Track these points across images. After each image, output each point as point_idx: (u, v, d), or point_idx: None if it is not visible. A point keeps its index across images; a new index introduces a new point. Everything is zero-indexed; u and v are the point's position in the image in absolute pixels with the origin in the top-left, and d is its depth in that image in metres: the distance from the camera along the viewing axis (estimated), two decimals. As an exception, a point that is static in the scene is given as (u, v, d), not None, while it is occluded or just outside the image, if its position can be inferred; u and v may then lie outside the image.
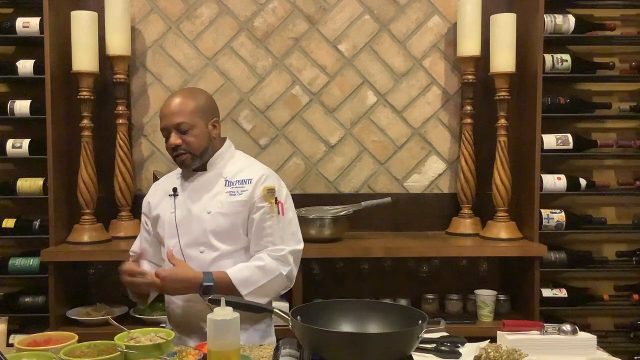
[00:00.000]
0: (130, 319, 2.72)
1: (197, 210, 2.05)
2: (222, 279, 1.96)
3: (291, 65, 3.03)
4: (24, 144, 2.83)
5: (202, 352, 1.58)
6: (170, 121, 2.02)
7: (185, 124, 2.01)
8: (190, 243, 2.04)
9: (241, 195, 2.05)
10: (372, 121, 3.06)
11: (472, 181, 2.95)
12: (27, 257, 2.83)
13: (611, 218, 3.10)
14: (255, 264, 2.01)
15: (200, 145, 2.04)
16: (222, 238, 2.04)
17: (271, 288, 2.02)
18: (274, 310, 1.66)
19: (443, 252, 2.79)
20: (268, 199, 2.05)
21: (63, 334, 1.73)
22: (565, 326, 1.83)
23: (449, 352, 1.73)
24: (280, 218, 2.06)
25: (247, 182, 2.06)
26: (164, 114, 2.04)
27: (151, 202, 2.17)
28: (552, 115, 2.88)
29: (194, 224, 2.05)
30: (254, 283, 1.98)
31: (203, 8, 3.02)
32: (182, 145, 2.02)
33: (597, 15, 3.04)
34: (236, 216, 2.04)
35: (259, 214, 2.04)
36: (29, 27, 2.81)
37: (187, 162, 2.05)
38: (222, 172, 2.09)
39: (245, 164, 2.14)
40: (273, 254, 2.02)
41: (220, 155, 2.11)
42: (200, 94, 2.12)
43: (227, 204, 2.04)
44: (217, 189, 2.07)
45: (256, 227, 2.04)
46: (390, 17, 3.04)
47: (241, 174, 2.09)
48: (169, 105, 2.04)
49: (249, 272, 1.98)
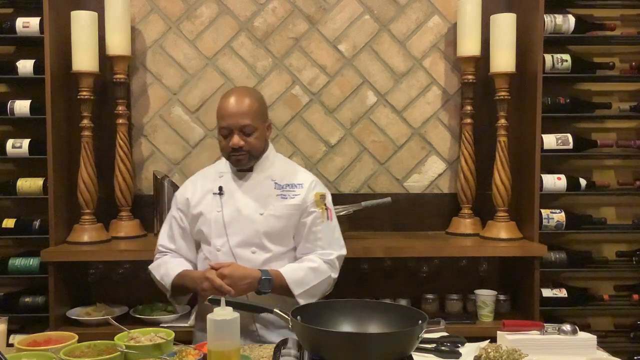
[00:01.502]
0: (130, 319, 2.72)
1: (248, 212, 2.08)
2: (276, 277, 2.00)
3: (291, 65, 3.04)
4: (24, 144, 2.83)
5: (202, 352, 1.59)
6: (236, 122, 2.03)
7: (250, 126, 2.04)
8: (241, 243, 2.06)
9: (293, 199, 2.10)
10: (372, 121, 3.06)
11: (472, 181, 2.95)
12: (27, 257, 2.83)
13: (611, 218, 3.10)
14: (308, 265, 2.06)
15: (260, 147, 2.09)
16: (274, 240, 2.08)
17: (319, 290, 2.08)
18: (274, 311, 1.67)
19: (443, 252, 2.79)
20: (319, 204, 2.12)
21: (63, 334, 1.73)
22: (565, 326, 1.83)
23: (449, 352, 1.74)
24: (329, 223, 2.14)
25: (298, 187, 2.12)
26: (228, 114, 2.04)
27: (191, 198, 2.16)
28: (552, 115, 2.88)
29: (245, 225, 2.07)
30: (307, 284, 2.04)
31: (203, 8, 3.02)
32: (245, 147, 2.04)
33: (597, 15, 3.04)
34: (289, 219, 2.09)
35: (310, 218, 2.10)
36: (29, 27, 2.81)
37: (244, 163, 2.08)
38: (270, 174, 2.13)
39: (291, 167, 2.20)
40: (323, 258, 2.09)
41: (266, 157, 2.14)
42: (260, 95, 2.16)
43: (280, 206, 2.08)
44: (268, 191, 2.10)
45: (307, 231, 2.10)
46: (390, 17, 3.04)
47: (289, 177, 2.14)
48: (233, 106, 2.04)
49: (302, 273, 2.04)
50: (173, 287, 2.10)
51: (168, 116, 3.03)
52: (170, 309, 2.77)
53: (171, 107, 3.03)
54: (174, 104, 3.03)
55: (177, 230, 2.18)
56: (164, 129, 3.04)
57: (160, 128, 3.04)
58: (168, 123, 3.04)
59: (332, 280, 2.11)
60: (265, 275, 1.98)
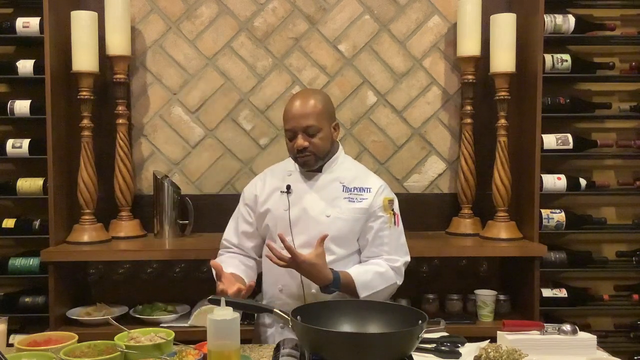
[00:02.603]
0: (130, 319, 2.72)
1: (315, 213, 2.08)
2: (345, 278, 1.99)
3: (291, 65, 3.03)
4: (24, 144, 2.83)
5: (202, 352, 1.59)
6: (299, 123, 2.04)
7: (313, 127, 2.04)
8: (306, 244, 2.04)
9: (361, 203, 2.10)
10: (372, 121, 3.06)
11: (472, 181, 2.95)
12: (27, 257, 2.83)
13: (611, 218, 3.10)
14: (375, 269, 2.06)
15: (325, 148, 2.09)
16: (339, 242, 2.08)
17: (384, 295, 2.08)
18: (274, 311, 1.67)
19: (443, 252, 2.79)
20: (387, 209, 2.12)
21: (63, 334, 1.73)
22: (565, 326, 1.83)
23: (449, 352, 1.74)
24: (395, 229, 2.14)
25: (366, 191, 2.11)
26: (292, 116, 2.05)
27: (259, 195, 2.17)
28: (552, 115, 2.88)
29: (311, 226, 2.07)
30: (373, 287, 2.04)
31: (203, 8, 3.02)
32: (309, 147, 2.04)
33: (597, 15, 3.04)
34: (355, 223, 2.09)
35: (378, 222, 2.10)
36: (29, 27, 2.81)
37: (310, 163, 2.08)
38: (339, 176, 2.13)
39: (360, 170, 2.20)
40: (390, 264, 2.09)
41: (335, 158, 2.14)
42: (325, 96, 2.16)
43: (347, 210, 2.08)
44: (335, 194, 2.10)
45: (374, 236, 2.10)
46: (390, 17, 3.04)
47: (358, 181, 2.14)
48: (297, 108, 2.05)
49: (370, 277, 2.04)
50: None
51: (168, 116, 3.03)
52: (170, 309, 2.77)
53: (171, 107, 3.03)
54: (174, 104, 3.03)
55: (244, 227, 2.20)
56: (164, 129, 3.04)
57: (160, 128, 3.04)
58: (168, 123, 3.04)
59: (397, 286, 2.12)
60: (335, 287, 1.96)
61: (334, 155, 2.14)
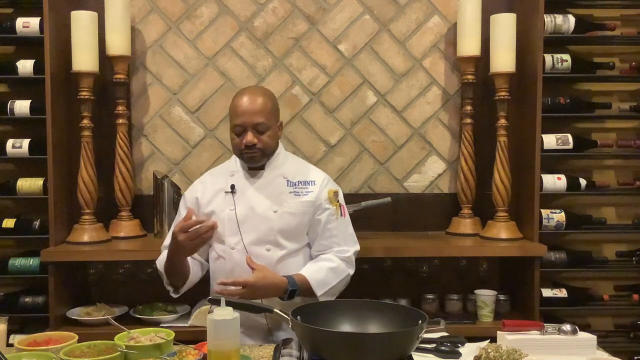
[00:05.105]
0: (130, 319, 2.72)
1: (262, 209, 2.09)
2: (301, 282, 2.02)
3: (291, 65, 3.03)
4: (24, 144, 2.83)
5: (202, 352, 1.59)
6: (250, 120, 2.06)
7: (263, 125, 2.07)
8: (256, 241, 2.07)
9: (307, 196, 2.12)
10: (372, 121, 3.06)
11: (472, 181, 2.95)
12: (27, 257, 2.83)
13: (611, 218, 3.10)
14: (327, 265, 2.09)
15: (272, 146, 2.12)
16: (288, 237, 2.10)
17: (338, 288, 2.13)
18: (274, 311, 1.67)
19: (443, 252, 2.79)
20: (333, 201, 2.15)
21: (63, 334, 1.73)
22: (565, 326, 1.83)
23: (449, 352, 1.74)
24: (342, 220, 2.17)
25: (311, 184, 2.14)
26: (242, 111, 2.07)
27: (200, 198, 2.18)
28: (552, 115, 2.88)
29: (260, 223, 2.08)
30: (328, 284, 2.07)
31: (203, 8, 3.02)
32: (258, 144, 2.06)
33: (597, 15, 3.04)
34: (303, 216, 2.11)
35: (325, 214, 2.13)
36: (29, 27, 2.81)
37: (256, 160, 2.10)
38: (282, 172, 2.15)
39: (302, 165, 2.23)
40: (340, 255, 2.12)
41: (278, 155, 2.17)
42: (272, 94, 2.19)
43: (293, 204, 2.10)
44: (280, 189, 2.12)
45: (323, 228, 2.13)
46: (390, 17, 3.04)
47: (301, 174, 2.16)
48: (248, 104, 2.07)
49: (324, 274, 2.07)
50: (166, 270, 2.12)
51: (168, 116, 3.03)
52: (170, 309, 2.77)
53: (171, 107, 3.03)
54: (174, 104, 3.03)
55: None
56: (164, 129, 3.04)
57: (160, 128, 3.04)
58: (168, 123, 3.04)
59: (349, 277, 2.16)
60: (293, 287, 1.99)
61: (276, 152, 2.17)
